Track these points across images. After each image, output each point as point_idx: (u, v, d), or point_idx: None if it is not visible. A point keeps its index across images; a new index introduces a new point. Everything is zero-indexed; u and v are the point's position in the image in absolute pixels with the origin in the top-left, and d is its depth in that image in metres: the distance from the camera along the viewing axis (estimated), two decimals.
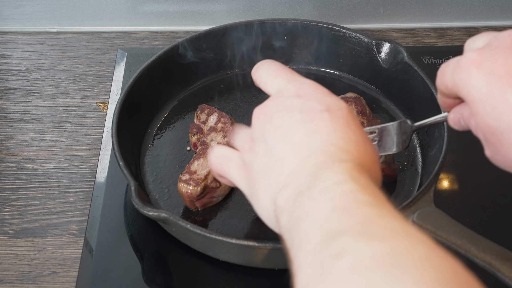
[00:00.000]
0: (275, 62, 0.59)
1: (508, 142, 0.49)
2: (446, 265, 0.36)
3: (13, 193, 0.87)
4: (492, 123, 0.50)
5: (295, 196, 0.45)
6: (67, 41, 1.10)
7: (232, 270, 0.76)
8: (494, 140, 0.51)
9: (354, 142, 0.49)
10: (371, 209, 0.41)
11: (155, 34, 1.11)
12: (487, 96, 0.49)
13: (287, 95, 0.53)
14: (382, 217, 0.40)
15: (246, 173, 0.54)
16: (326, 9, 1.11)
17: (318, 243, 0.39)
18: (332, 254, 0.38)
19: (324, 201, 0.42)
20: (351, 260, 0.36)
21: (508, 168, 0.52)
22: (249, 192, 0.54)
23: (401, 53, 0.91)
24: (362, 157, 0.48)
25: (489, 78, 0.49)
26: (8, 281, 0.77)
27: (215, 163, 0.59)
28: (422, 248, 0.37)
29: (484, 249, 0.63)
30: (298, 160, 0.48)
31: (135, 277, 0.76)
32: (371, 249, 0.37)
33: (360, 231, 0.38)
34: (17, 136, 0.94)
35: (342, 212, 0.41)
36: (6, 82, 1.03)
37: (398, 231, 0.39)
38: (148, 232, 0.79)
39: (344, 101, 0.87)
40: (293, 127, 0.50)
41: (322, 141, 0.48)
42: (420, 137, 0.88)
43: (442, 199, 0.82)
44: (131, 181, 0.74)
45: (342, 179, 0.44)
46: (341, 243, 0.38)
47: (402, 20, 1.12)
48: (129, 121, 0.84)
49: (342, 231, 0.39)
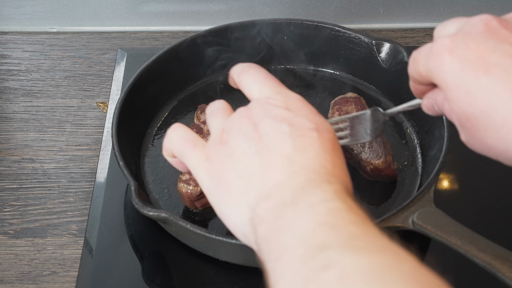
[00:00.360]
0: (262, 69, 0.59)
1: (483, 127, 0.50)
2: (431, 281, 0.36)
3: (13, 193, 0.87)
4: (467, 108, 0.50)
5: (278, 207, 0.45)
6: (67, 41, 1.10)
7: (232, 270, 0.76)
8: (469, 125, 0.51)
9: (340, 168, 0.49)
10: (357, 227, 0.41)
11: (155, 34, 1.11)
12: (461, 82, 0.50)
13: (275, 105, 0.52)
14: (368, 235, 0.40)
15: (213, 167, 0.52)
16: (326, 9, 1.11)
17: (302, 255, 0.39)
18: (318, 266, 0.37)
19: (310, 215, 0.42)
20: (337, 271, 0.36)
21: (483, 152, 0.52)
22: (214, 187, 0.52)
23: (401, 53, 0.91)
24: (346, 184, 0.48)
25: (462, 64, 0.50)
26: (8, 281, 0.77)
27: (176, 142, 0.57)
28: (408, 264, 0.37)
29: (484, 249, 0.63)
30: (286, 173, 0.47)
31: (135, 277, 0.76)
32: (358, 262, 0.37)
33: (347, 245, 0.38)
34: (17, 136, 0.94)
35: (328, 227, 0.41)
36: (6, 82, 1.03)
37: (385, 247, 0.39)
38: (148, 232, 0.79)
39: (347, 100, 0.88)
40: (280, 139, 0.50)
41: (312, 160, 0.48)
42: (420, 137, 0.88)
43: (442, 199, 0.82)
44: (131, 181, 0.74)
45: (330, 198, 0.44)
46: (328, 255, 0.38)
47: (402, 20, 1.12)
48: (129, 121, 0.84)
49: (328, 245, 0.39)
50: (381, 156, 0.81)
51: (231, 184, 0.50)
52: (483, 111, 0.49)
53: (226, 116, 0.55)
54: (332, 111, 0.87)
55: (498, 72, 0.48)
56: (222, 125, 0.54)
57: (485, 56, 0.49)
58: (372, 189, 0.83)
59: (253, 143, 0.50)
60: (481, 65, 0.49)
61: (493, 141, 0.50)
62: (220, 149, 0.52)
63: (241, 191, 0.49)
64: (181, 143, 0.56)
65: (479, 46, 0.49)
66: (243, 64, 0.60)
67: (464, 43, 0.50)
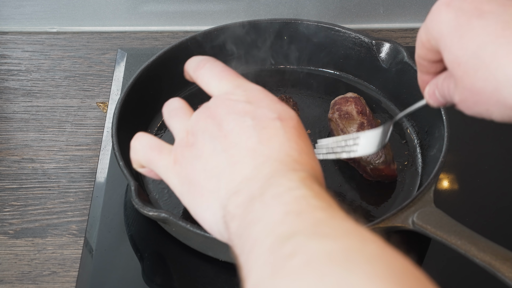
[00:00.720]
0: (218, 62, 0.58)
1: (474, 69, 0.51)
2: (397, 262, 0.36)
3: (13, 193, 0.87)
4: (459, 52, 0.52)
5: (247, 202, 0.45)
6: (67, 41, 1.10)
7: (232, 270, 0.75)
8: (461, 72, 0.52)
9: (306, 154, 0.49)
10: (323, 212, 0.41)
11: (155, 34, 1.11)
12: (455, 28, 0.52)
13: (236, 100, 0.52)
14: (334, 219, 0.41)
15: (183, 170, 0.52)
16: (326, 9, 1.11)
17: (270, 245, 0.39)
18: (285, 254, 0.38)
19: (277, 205, 0.43)
20: (304, 257, 0.37)
21: (475, 106, 0.53)
22: (186, 190, 0.52)
23: (401, 53, 0.91)
24: (314, 169, 0.48)
25: (457, 12, 0.53)
26: (8, 281, 0.77)
27: (141, 151, 0.56)
28: (374, 246, 0.37)
29: (484, 249, 0.63)
30: (253, 167, 0.47)
31: (135, 277, 0.76)
32: (323, 247, 0.37)
33: (313, 232, 0.39)
34: (17, 136, 0.94)
35: (295, 216, 0.41)
36: (6, 82, 1.03)
37: (350, 231, 0.39)
38: (148, 232, 0.79)
39: (347, 100, 0.88)
40: (245, 133, 0.49)
41: (277, 150, 0.48)
42: (420, 137, 0.88)
43: (442, 199, 0.82)
44: (131, 181, 0.74)
45: (295, 186, 0.44)
46: (294, 243, 0.38)
47: (402, 20, 1.12)
48: (129, 121, 0.84)
49: (295, 233, 0.39)
50: (381, 156, 0.81)
51: (202, 185, 0.50)
52: (473, 52, 0.51)
53: (187, 116, 0.55)
54: (332, 111, 0.87)
55: (490, 16, 0.51)
56: (185, 127, 0.53)
57: (480, 6, 0.52)
58: (372, 189, 0.83)
59: (219, 142, 0.50)
60: (475, 12, 0.52)
61: (482, 83, 0.51)
62: (187, 151, 0.52)
63: (212, 190, 0.49)
64: (146, 151, 0.55)
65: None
66: (197, 58, 0.59)
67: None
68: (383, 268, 0.35)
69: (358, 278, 0.34)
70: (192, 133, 0.52)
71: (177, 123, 0.55)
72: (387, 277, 0.35)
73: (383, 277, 0.34)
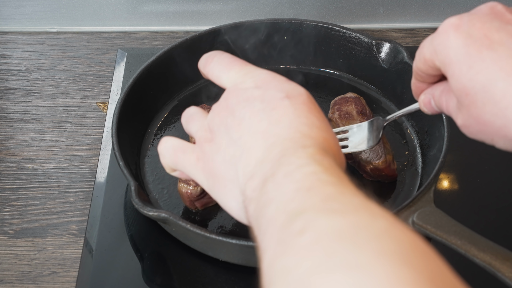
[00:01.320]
0: (225, 54, 0.58)
1: (482, 102, 0.51)
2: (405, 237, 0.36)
3: (13, 193, 0.87)
4: (468, 83, 0.51)
5: (261, 184, 0.46)
6: (67, 41, 1.10)
7: (232, 270, 0.76)
8: (468, 102, 0.52)
9: (318, 128, 0.49)
10: (333, 187, 0.42)
11: (155, 34, 1.11)
12: (464, 56, 0.51)
13: (245, 87, 0.53)
14: (344, 194, 0.41)
15: (206, 165, 0.53)
16: (326, 9, 1.11)
17: (282, 222, 0.40)
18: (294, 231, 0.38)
19: (288, 183, 0.43)
20: (312, 234, 0.37)
21: (479, 133, 0.53)
22: (211, 184, 0.53)
23: (401, 53, 0.91)
24: (326, 142, 0.48)
25: (466, 40, 0.51)
26: (8, 281, 0.77)
27: (168, 155, 0.58)
28: (383, 221, 0.38)
29: (484, 249, 0.63)
30: (264, 148, 0.48)
31: (135, 277, 0.76)
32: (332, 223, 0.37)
33: (322, 208, 0.39)
34: (17, 136, 0.94)
35: (305, 191, 0.41)
36: (6, 82, 1.03)
37: (359, 206, 0.39)
38: (148, 232, 0.79)
39: (347, 100, 0.88)
40: (256, 117, 0.50)
41: (286, 128, 0.49)
42: (420, 137, 0.88)
43: (442, 199, 0.82)
44: (131, 181, 0.74)
45: (305, 162, 0.44)
46: (304, 220, 0.39)
47: (402, 20, 1.12)
48: (129, 121, 0.84)
49: (304, 209, 0.39)
50: (381, 156, 0.81)
51: (224, 176, 0.51)
52: (483, 85, 0.50)
53: (204, 118, 0.56)
54: (332, 111, 0.87)
55: (501, 48, 0.50)
56: (203, 125, 0.55)
57: (489, 34, 0.51)
58: (372, 189, 0.83)
59: (234, 131, 0.51)
60: (484, 41, 0.50)
61: (490, 116, 0.51)
62: (207, 146, 0.53)
63: (232, 179, 0.50)
64: (172, 155, 0.57)
65: (484, 25, 0.51)
66: (206, 54, 0.60)
67: (469, 21, 0.52)
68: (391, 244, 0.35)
69: (366, 255, 0.34)
70: (210, 129, 0.54)
71: (195, 125, 0.56)
72: (395, 253, 0.35)
73: (390, 254, 0.35)
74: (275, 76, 0.54)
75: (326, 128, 0.50)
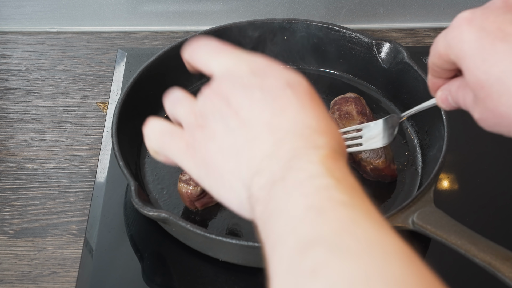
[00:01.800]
0: (211, 40, 0.54)
1: (498, 94, 0.51)
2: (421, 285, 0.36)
3: (13, 193, 0.87)
4: (482, 76, 0.51)
5: (269, 185, 0.44)
6: (67, 41, 1.10)
7: (232, 270, 0.76)
8: (483, 95, 0.52)
9: (324, 119, 0.47)
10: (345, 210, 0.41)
11: (155, 34, 1.11)
12: (478, 50, 0.51)
13: (240, 74, 0.50)
14: (357, 224, 0.40)
15: (197, 153, 0.50)
16: (326, 9, 1.11)
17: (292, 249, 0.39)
18: (306, 269, 0.37)
19: (298, 196, 0.42)
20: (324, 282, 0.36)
21: (496, 125, 0.53)
22: (204, 173, 0.50)
23: (401, 53, 0.91)
24: (334, 137, 0.47)
25: (480, 33, 0.51)
26: (8, 281, 0.77)
27: (154, 137, 0.54)
28: (396, 266, 0.37)
29: (484, 249, 0.63)
30: (272, 142, 0.46)
31: (135, 277, 0.76)
32: (345, 269, 0.36)
33: (334, 245, 0.38)
34: (17, 136, 0.94)
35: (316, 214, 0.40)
36: (6, 82, 1.03)
37: (373, 243, 0.38)
38: (148, 232, 0.79)
39: (347, 100, 0.88)
40: (256, 107, 0.48)
41: (293, 121, 0.46)
42: (420, 137, 0.88)
43: (442, 199, 0.82)
44: (131, 181, 0.74)
45: (317, 172, 0.43)
46: (316, 257, 0.38)
47: (402, 20, 1.12)
48: (129, 121, 0.84)
49: (316, 241, 0.38)
50: (381, 156, 0.81)
51: (220, 166, 0.48)
52: (498, 78, 0.50)
53: (192, 102, 0.52)
54: (332, 111, 0.87)
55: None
56: (192, 111, 0.52)
57: (503, 27, 0.51)
58: (372, 189, 0.83)
59: (231, 119, 0.48)
60: (498, 34, 0.51)
61: (506, 108, 0.51)
62: (199, 133, 0.50)
63: (231, 170, 0.47)
64: (158, 138, 0.54)
65: (497, 18, 0.51)
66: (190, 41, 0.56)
67: (482, 14, 0.52)
68: None
69: None
70: (201, 115, 0.50)
71: (182, 109, 0.53)
72: None
73: None
74: (272, 63, 0.51)
75: (330, 118, 0.49)
